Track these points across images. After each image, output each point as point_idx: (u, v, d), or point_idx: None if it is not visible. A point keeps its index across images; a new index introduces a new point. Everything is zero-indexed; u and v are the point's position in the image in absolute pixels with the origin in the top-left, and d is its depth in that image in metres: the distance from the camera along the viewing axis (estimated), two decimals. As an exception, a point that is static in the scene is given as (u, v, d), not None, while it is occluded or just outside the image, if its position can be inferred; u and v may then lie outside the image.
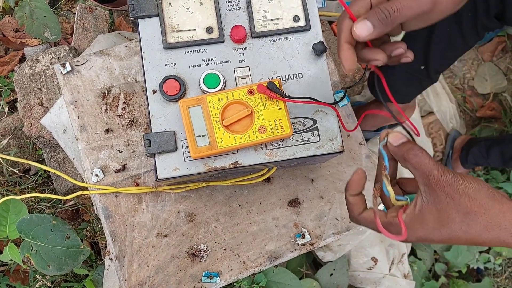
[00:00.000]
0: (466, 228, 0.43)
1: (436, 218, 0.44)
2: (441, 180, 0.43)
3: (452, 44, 0.97)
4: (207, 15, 0.68)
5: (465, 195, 0.42)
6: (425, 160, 0.44)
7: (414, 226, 0.45)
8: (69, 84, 0.78)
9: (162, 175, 0.63)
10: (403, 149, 0.45)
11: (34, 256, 0.90)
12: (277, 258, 0.78)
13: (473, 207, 0.42)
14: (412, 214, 0.45)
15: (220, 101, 0.62)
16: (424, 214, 0.44)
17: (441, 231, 0.44)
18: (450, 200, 0.43)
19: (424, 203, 0.44)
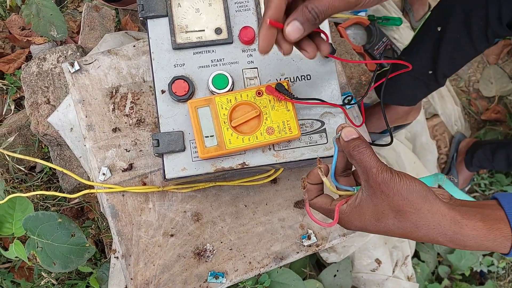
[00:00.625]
0: (398, 224, 0.46)
1: (372, 212, 0.47)
2: (378, 178, 0.45)
3: (461, 49, 0.97)
4: (216, 16, 0.68)
5: (398, 194, 0.45)
6: (368, 157, 0.46)
7: (353, 216, 0.49)
8: (77, 83, 0.78)
9: (170, 175, 0.64)
10: (351, 144, 0.48)
11: (39, 253, 0.90)
12: (283, 259, 0.78)
13: (404, 206, 0.45)
14: (352, 205, 0.48)
15: (228, 102, 0.62)
16: (362, 206, 0.47)
17: (376, 224, 0.47)
18: (385, 197, 0.45)
19: (363, 197, 0.47)
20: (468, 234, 0.45)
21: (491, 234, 0.45)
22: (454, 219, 0.45)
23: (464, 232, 0.45)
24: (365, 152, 0.47)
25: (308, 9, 0.46)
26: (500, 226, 0.45)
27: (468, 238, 0.45)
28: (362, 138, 0.48)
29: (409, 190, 0.45)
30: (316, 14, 0.47)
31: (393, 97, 1.16)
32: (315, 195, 0.54)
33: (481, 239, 0.45)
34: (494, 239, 0.45)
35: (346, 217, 0.49)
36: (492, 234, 0.45)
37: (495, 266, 1.54)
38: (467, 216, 0.45)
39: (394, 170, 0.46)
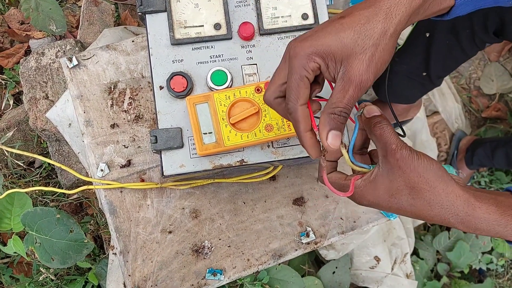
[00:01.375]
0: (412, 202, 0.46)
1: (386, 187, 0.47)
2: (397, 154, 0.45)
3: (452, 54, 0.97)
4: (215, 11, 0.67)
5: (415, 171, 0.45)
6: (388, 133, 0.46)
7: (367, 190, 0.48)
8: (75, 78, 0.78)
9: (168, 171, 0.63)
10: (373, 121, 0.48)
11: (38, 249, 0.90)
12: (281, 256, 0.78)
13: (420, 183, 0.45)
14: (367, 179, 0.48)
15: (227, 98, 0.62)
16: (377, 182, 0.47)
17: (389, 200, 0.47)
18: (402, 173, 0.45)
19: (380, 172, 0.47)
20: (480, 216, 0.45)
21: (504, 219, 0.45)
22: (467, 201, 0.45)
23: (477, 215, 0.45)
24: (386, 128, 0.46)
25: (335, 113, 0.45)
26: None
27: (480, 221, 0.45)
28: (384, 116, 0.48)
29: (426, 168, 0.45)
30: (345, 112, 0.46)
31: (391, 96, 1.15)
32: (330, 171, 0.54)
33: (492, 223, 0.45)
34: (506, 224, 0.45)
35: (360, 191, 0.49)
36: (504, 219, 0.45)
37: (494, 264, 1.54)
38: (480, 199, 0.46)
39: (413, 148, 0.46)
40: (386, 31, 0.44)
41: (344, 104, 0.45)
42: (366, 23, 0.44)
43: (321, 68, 0.46)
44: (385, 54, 0.45)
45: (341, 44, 0.44)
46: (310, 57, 0.45)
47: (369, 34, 0.44)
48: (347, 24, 0.45)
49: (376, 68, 0.45)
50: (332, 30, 0.45)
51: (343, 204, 0.81)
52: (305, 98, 0.47)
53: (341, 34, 0.44)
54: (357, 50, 0.44)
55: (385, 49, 0.45)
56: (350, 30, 0.44)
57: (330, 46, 0.44)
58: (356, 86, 0.44)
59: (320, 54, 0.45)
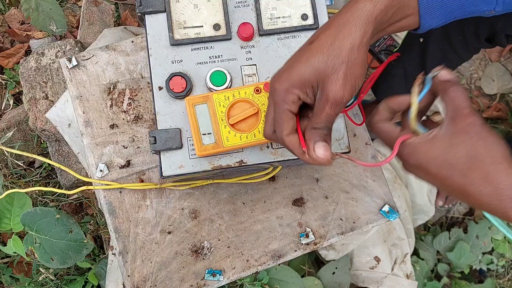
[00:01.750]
0: (466, 172, 0.43)
1: (444, 149, 0.44)
2: (469, 118, 0.43)
3: (447, 58, 0.97)
4: (215, 12, 0.67)
5: (483, 141, 0.43)
6: (463, 97, 0.44)
7: (421, 148, 0.46)
8: (74, 78, 0.78)
9: (167, 172, 0.63)
10: (448, 83, 0.46)
11: (37, 249, 0.90)
12: (281, 257, 0.78)
13: (484, 154, 0.43)
14: (425, 137, 0.46)
15: (226, 99, 0.62)
16: (436, 141, 0.45)
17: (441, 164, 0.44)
18: (468, 139, 0.43)
19: (441, 133, 0.45)
20: None
21: None
22: None
23: None
24: (461, 92, 0.44)
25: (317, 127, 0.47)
26: None
27: None
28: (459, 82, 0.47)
29: (494, 142, 0.43)
30: (325, 126, 0.47)
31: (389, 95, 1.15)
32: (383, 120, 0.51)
33: None
34: None
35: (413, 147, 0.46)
36: None
37: (494, 264, 1.53)
38: None
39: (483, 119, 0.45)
40: (352, 46, 0.45)
41: (323, 120, 0.47)
42: (333, 43, 0.46)
43: (301, 97, 0.48)
44: (357, 68, 0.46)
45: (313, 70, 0.46)
46: (288, 90, 0.47)
47: (337, 53, 0.45)
48: (315, 48, 0.47)
49: (350, 84, 0.46)
50: (303, 59, 0.47)
51: (342, 205, 0.80)
52: (289, 128, 0.49)
53: (312, 60, 0.46)
54: (328, 71, 0.45)
55: (356, 63, 0.46)
56: (319, 54, 0.46)
57: (303, 75, 0.46)
58: (332, 104, 0.46)
59: (296, 85, 0.47)
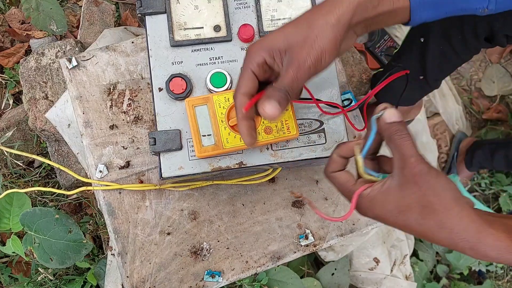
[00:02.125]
0: (421, 221, 0.44)
1: (397, 202, 0.45)
2: (415, 168, 0.43)
3: (447, 58, 0.97)
4: (215, 13, 0.67)
5: (432, 189, 0.43)
6: (408, 145, 0.44)
7: (375, 203, 0.47)
8: (74, 79, 0.78)
9: (167, 173, 0.63)
10: (393, 128, 0.46)
11: (36, 249, 0.90)
12: (280, 258, 0.78)
13: (435, 203, 0.43)
14: (377, 190, 0.46)
15: (226, 100, 0.62)
16: (388, 194, 0.46)
17: (397, 216, 0.45)
18: (417, 189, 0.44)
19: (392, 185, 0.45)
20: (491, 244, 0.44)
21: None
22: (480, 227, 0.44)
23: (488, 242, 0.44)
24: (406, 138, 0.45)
25: (277, 87, 0.48)
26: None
27: (490, 248, 0.44)
28: (404, 123, 0.46)
29: (444, 188, 0.43)
30: (285, 90, 0.48)
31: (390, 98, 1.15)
32: (339, 168, 0.52)
33: (503, 250, 0.44)
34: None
35: (368, 202, 0.47)
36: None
37: (493, 265, 1.53)
38: (493, 225, 0.44)
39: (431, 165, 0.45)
40: (326, 23, 0.47)
41: (285, 82, 0.48)
42: (308, 18, 0.49)
43: (268, 61, 0.50)
44: (326, 44, 0.47)
45: (285, 37, 0.49)
46: (256, 53, 0.50)
47: (311, 25, 0.48)
48: (292, 22, 0.50)
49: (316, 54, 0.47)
50: (279, 29, 0.50)
51: (342, 207, 0.80)
52: (246, 88, 0.50)
53: (286, 29, 0.49)
54: (299, 40, 0.48)
55: (326, 38, 0.47)
56: (292, 25, 0.49)
57: (274, 40, 0.49)
58: (295, 67, 0.47)
59: (266, 48, 0.49)
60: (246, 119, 0.51)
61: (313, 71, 0.48)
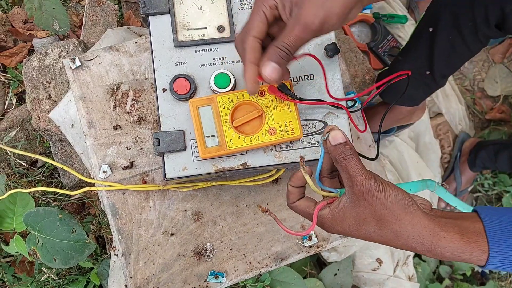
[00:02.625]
0: (379, 232, 0.48)
1: (354, 218, 0.48)
2: (362, 186, 0.46)
3: (455, 50, 0.96)
4: (219, 14, 0.67)
5: (381, 203, 0.46)
6: (353, 165, 0.47)
7: (335, 221, 0.49)
8: (78, 79, 0.78)
9: (171, 174, 0.63)
10: (338, 150, 0.48)
11: (40, 249, 0.90)
12: (283, 259, 0.78)
13: (386, 215, 0.46)
14: (335, 210, 0.49)
15: (230, 101, 0.62)
16: (344, 212, 0.48)
17: (357, 230, 0.49)
18: (368, 205, 0.46)
19: (346, 203, 0.48)
20: (445, 246, 0.46)
21: (468, 247, 0.46)
22: (433, 231, 0.46)
23: (442, 244, 0.46)
24: (351, 159, 0.47)
25: (279, 47, 0.49)
26: (477, 239, 0.47)
27: (445, 249, 0.46)
28: (349, 144, 0.49)
29: (391, 200, 0.46)
30: (287, 49, 0.49)
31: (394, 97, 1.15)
32: (298, 198, 0.54)
33: (457, 251, 0.47)
34: (470, 252, 0.46)
35: (328, 221, 0.50)
36: (469, 247, 0.46)
37: (496, 266, 1.53)
38: (445, 228, 0.47)
39: (379, 178, 0.47)
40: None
41: (288, 40, 0.48)
42: None
43: (278, 7, 0.49)
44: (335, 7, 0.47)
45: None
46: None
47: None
48: None
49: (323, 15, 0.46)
50: None
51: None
52: (257, 30, 0.50)
53: None
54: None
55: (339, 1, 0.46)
56: None
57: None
58: (301, 26, 0.47)
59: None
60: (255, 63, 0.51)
61: (318, 32, 0.48)
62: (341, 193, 0.52)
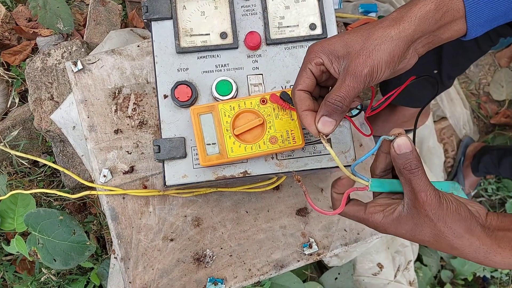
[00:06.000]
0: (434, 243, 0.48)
1: (410, 228, 0.48)
2: (425, 203, 0.45)
3: (465, 48, 0.95)
4: (222, 20, 0.66)
5: (443, 221, 0.46)
6: (419, 180, 0.45)
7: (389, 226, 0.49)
8: (79, 82, 0.77)
9: (171, 181, 0.63)
10: (402, 160, 0.46)
11: (40, 249, 0.90)
12: (283, 267, 0.77)
13: (446, 232, 0.46)
14: (390, 217, 0.49)
15: (231, 109, 0.61)
16: (400, 221, 0.48)
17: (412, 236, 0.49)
18: (428, 221, 0.46)
19: (403, 214, 0.48)
20: (499, 261, 0.47)
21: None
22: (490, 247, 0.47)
23: (497, 259, 0.47)
24: (416, 173, 0.45)
25: (330, 102, 0.49)
26: None
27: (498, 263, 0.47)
28: (415, 154, 0.47)
29: (454, 219, 0.46)
30: (340, 101, 0.49)
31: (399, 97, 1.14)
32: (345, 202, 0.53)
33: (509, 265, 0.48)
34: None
35: (381, 227, 0.50)
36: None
37: (498, 272, 1.52)
38: (502, 244, 0.47)
39: (442, 194, 0.46)
40: (387, 34, 0.48)
41: (340, 92, 0.49)
42: (369, 28, 0.50)
43: (325, 63, 0.51)
44: (383, 55, 0.48)
45: (344, 44, 0.50)
46: (316, 54, 0.51)
47: (370, 36, 0.49)
48: (353, 30, 0.51)
49: (371, 64, 0.48)
50: (340, 35, 0.51)
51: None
52: (303, 86, 0.53)
53: (346, 36, 0.50)
54: (356, 48, 0.49)
55: (383, 49, 0.48)
56: (353, 34, 0.50)
57: (334, 45, 0.50)
58: (351, 76, 0.48)
59: (325, 52, 0.51)
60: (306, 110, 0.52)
61: (369, 81, 0.49)
62: (372, 183, 0.51)
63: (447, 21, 0.51)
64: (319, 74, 0.53)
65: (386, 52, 0.48)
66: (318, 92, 0.56)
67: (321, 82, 0.55)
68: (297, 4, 0.67)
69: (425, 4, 0.49)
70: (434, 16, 0.49)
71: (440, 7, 0.49)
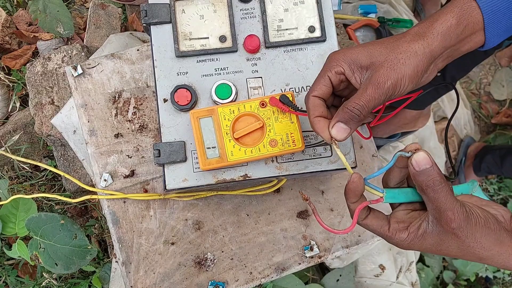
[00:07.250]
0: (460, 255, 0.46)
1: (436, 244, 0.46)
2: (453, 222, 0.43)
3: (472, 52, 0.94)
4: (221, 23, 0.66)
5: (472, 237, 0.44)
6: (443, 197, 0.43)
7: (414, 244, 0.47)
8: (79, 87, 0.77)
9: (171, 185, 0.63)
10: (424, 177, 0.44)
11: (42, 254, 0.90)
12: (284, 270, 0.77)
13: (475, 247, 0.44)
14: (415, 234, 0.47)
15: (231, 112, 0.61)
16: (425, 238, 0.46)
17: (437, 251, 0.47)
18: (456, 238, 0.44)
19: (429, 230, 0.46)
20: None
21: None
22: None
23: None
24: (441, 191, 0.43)
25: (349, 108, 0.48)
26: None
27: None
28: (436, 169, 0.44)
29: (483, 234, 0.44)
30: (358, 110, 0.48)
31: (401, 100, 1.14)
32: (364, 215, 0.50)
33: None
34: None
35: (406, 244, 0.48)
36: None
37: (501, 272, 1.52)
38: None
39: (469, 208, 0.44)
40: (411, 49, 0.48)
41: (360, 101, 0.48)
42: (394, 41, 0.49)
43: (345, 73, 0.50)
44: (407, 69, 0.47)
45: (368, 54, 0.49)
46: (337, 62, 0.50)
47: (395, 49, 0.48)
48: (378, 41, 0.50)
49: (396, 76, 0.47)
50: (363, 45, 0.50)
51: (348, 218, 0.80)
52: (319, 92, 0.51)
53: (370, 47, 0.50)
54: (381, 59, 0.48)
55: (408, 64, 0.47)
56: (378, 45, 0.50)
57: (358, 55, 0.50)
58: (374, 86, 0.47)
59: (347, 61, 0.50)
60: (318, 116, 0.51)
61: (391, 94, 0.48)
62: (387, 195, 0.49)
63: (467, 34, 0.50)
64: (337, 83, 0.52)
65: (411, 66, 0.47)
66: (331, 101, 0.56)
67: (336, 91, 0.54)
68: (296, 6, 0.67)
69: (446, 20, 0.49)
70: (456, 31, 0.49)
71: (461, 21, 0.49)
